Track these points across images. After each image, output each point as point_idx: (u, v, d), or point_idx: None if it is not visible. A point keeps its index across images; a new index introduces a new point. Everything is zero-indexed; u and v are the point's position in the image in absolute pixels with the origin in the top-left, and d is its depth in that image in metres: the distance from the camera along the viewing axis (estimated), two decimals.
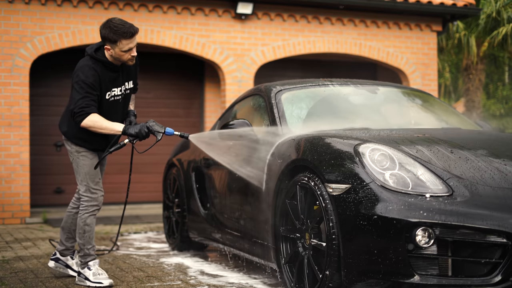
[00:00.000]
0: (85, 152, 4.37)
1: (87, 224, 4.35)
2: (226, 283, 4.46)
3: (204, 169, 5.41)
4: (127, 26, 4.16)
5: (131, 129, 4.18)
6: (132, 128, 4.19)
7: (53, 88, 9.76)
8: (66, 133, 4.43)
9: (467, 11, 10.71)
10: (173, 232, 6.13)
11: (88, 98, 4.15)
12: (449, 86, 25.90)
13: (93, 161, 4.38)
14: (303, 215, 3.71)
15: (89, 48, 4.29)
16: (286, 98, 4.72)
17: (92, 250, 4.38)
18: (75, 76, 4.20)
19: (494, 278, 3.10)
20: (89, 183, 4.35)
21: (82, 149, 4.37)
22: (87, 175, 4.34)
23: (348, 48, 10.40)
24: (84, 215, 4.36)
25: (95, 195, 4.36)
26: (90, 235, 4.37)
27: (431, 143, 3.71)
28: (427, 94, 5.39)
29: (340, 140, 3.65)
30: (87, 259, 4.37)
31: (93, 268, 4.34)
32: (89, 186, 4.35)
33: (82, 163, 4.35)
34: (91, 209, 4.36)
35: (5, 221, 8.37)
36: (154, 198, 10.11)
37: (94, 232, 4.41)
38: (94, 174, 4.36)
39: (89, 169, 4.35)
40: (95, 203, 4.37)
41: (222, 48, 9.64)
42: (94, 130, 4.19)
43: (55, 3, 8.70)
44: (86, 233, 4.35)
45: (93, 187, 4.36)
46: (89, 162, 4.36)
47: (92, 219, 4.38)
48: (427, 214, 3.12)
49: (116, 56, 4.22)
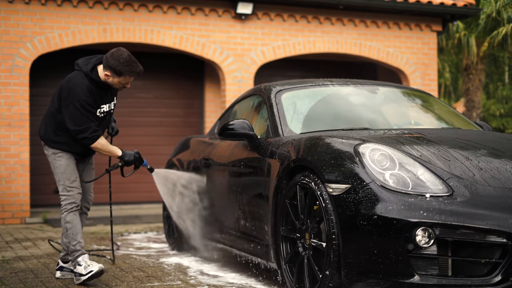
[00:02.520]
0: (60, 153, 4.49)
1: (67, 221, 4.43)
2: (226, 283, 4.46)
3: (204, 169, 5.41)
4: (136, 66, 4.37)
5: (127, 157, 4.66)
6: (127, 156, 4.66)
7: (53, 88, 9.73)
8: (43, 137, 4.58)
9: (467, 11, 10.71)
10: (173, 232, 6.13)
11: (93, 119, 4.37)
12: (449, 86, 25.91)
13: (69, 161, 4.49)
14: (303, 215, 3.71)
15: (84, 65, 4.41)
16: (286, 98, 4.72)
17: (78, 245, 4.41)
18: (73, 94, 4.32)
19: (494, 278, 3.10)
20: (65, 182, 4.45)
21: (58, 151, 4.50)
22: (63, 175, 4.46)
23: (348, 48, 10.40)
24: (64, 213, 4.46)
25: (72, 193, 4.45)
26: (73, 232, 4.42)
27: (431, 143, 3.71)
28: (427, 94, 5.39)
29: (340, 140, 3.65)
30: (75, 255, 4.39)
31: (83, 262, 4.35)
32: (65, 185, 4.45)
33: (58, 164, 4.47)
34: (69, 207, 4.45)
35: (5, 221, 8.37)
36: (154, 198, 10.11)
37: (79, 228, 4.46)
38: (69, 173, 4.47)
39: (64, 169, 4.47)
40: (72, 200, 4.45)
41: (222, 48, 9.64)
42: (98, 151, 4.51)
43: (55, 3, 8.70)
44: (69, 230, 4.42)
45: (69, 186, 4.45)
46: (64, 162, 4.47)
47: (72, 216, 4.44)
48: (427, 214, 3.12)
49: (111, 83, 4.42)
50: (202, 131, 10.39)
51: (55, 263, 5.26)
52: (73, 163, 4.53)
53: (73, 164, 4.52)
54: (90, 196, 4.77)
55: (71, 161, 4.51)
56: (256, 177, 4.34)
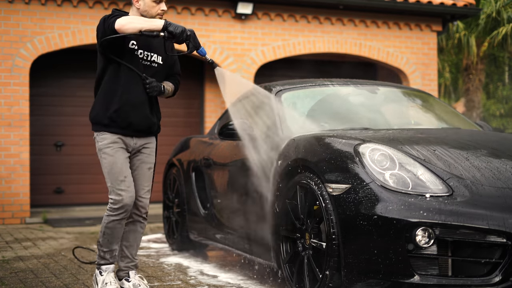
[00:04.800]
0: (106, 149, 3.82)
1: (108, 227, 3.81)
2: (226, 283, 4.46)
3: (204, 169, 5.41)
4: None
5: (172, 27, 3.69)
6: (173, 26, 3.69)
7: (53, 88, 9.75)
8: (94, 118, 3.87)
9: (467, 11, 10.71)
10: (173, 232, 6.13)
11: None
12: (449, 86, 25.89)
13: (115, 157, 3.81)
14: (303, 215, 3.71)
15: (115, 10, 3.85)
16: (286, 98, 4.72)
17: (108, 254, 3.87)
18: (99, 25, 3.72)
19: (494, 278, 3.10)
20: (112, 183, 3.79)
21: (107, 140, 3.81)
22: (109, 174, 3.80)
23: (348, 48, 10.40)
24: (108, 218, 3.81)
25: (120, 197, 3.77)
26: (110, 239, 3.83)
27: (431, 143, 3.71)
28: (427, 94, 5.39)
29: (340, 140, 3.65)
30: (101, 261, 3.90)
31: (104, 275, 3.87)
32: (113, 187, 3.79)
33: (104, 161, 3.82)
34: (114, 212, 3.78)
35: (5, 221, 8.37)
36: (154, 198, 10.08)
37: (118, 237, 3.86)
38: (117, 172, 3.79)
39: (111, 166, 3.80)
40: (119, 205, 3.77)
41: (222, 48, 9.64)
42: (133, 26, 3.63)
43: (55, 3, 8.70)
44: (106, 235, 3.83)
45: (117, 188, 3.78)
46: (111, 159, 3.80)
47: (115, 224, 3.80)
48: (427, 214, 3.12)
49: (145, 9, 3.79)
50: (202, 131, 10.39)
51: (55, 263, 5.26)
52: (123, 157, 3.84)
53: (123, 159, 3.84)
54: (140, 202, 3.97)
55: (119, 158, 3.82)
56: (256, 177, 4.33)
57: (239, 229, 4.66)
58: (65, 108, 9.78)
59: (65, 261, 5.38)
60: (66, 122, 9.74)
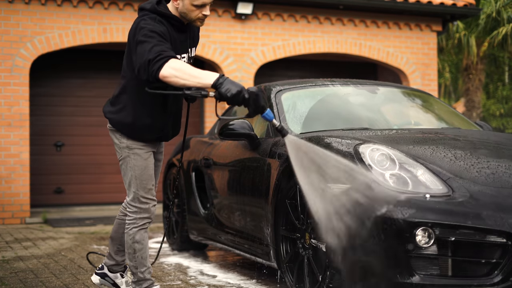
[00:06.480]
0: (139, 150, 3.48)
1: (136, 241, 3.47)
2: (226, 283, 4.46)
3: (204, 169, 5.41)
4: None
5: (225, 87, 3.07)
6: (225, 87, 3.07)
7: (53, 88, 9.75)
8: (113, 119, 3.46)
9: (467, 11, 10.71)
10: (173, 232, 6.13)
11: (164, 45, 3.18)
12: (449, 86, 25.90)
13: (147, 162, 3.48)
14: (303, 215, 3.71)
15: (147, 3, 3.39)
16: (286, 98, 4.72)
17: (147, 273, 3.51)
18: (138, 30, 3.25)
19: (494, 278, 3.10)
20: (138, 190, 3.46)
21: (136, 144, 3.47)
22: (137, 180, 3.45)
23: (348, 48, 10.40)
24: (132, 230, 3.47)
25: (146, 206, 3.47)
26: (142, 255, 3.48)
27: (431, 143, 3.71)
28: (427, 94, 5.39)
29: (340, 140, 3.65)
30: (142, 285, 3.50)
31: None
32: (138, 194, 3.46)
33: (133, 164, 3.46)
34: (140, 222, 3.47)
35: (5, 221, 8.37)
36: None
37: (148, 250, 3.54)
38: (146, 179, 3.46)
39: (141, 171, 3.45)
40: (146, 215, 3.48)
41: (222, 48, 9.64)
42: (177, 81, 3.11)
43: (55, 3, 8.70)
44: (137, 252, 3.48)
45: (143, 196, 3.47)
46: (141, 163, 3.46)
47: (143, 234, 3.48)
48: (427, 214, 3.12)
49: (184, 11, 3.36)
50: (202, 131, 10.39)
51: (55, 263, 5.26)
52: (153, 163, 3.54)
53: (153, 166, 3.54)
54: None
55: (149, 163, 3.50)
56: (256, 177, 4.33)
57: (239, 229, 4.66)
58: (65, 108, 9.78)
59: (65, 261, 5.38)
60: (66, 122, 9.74)
